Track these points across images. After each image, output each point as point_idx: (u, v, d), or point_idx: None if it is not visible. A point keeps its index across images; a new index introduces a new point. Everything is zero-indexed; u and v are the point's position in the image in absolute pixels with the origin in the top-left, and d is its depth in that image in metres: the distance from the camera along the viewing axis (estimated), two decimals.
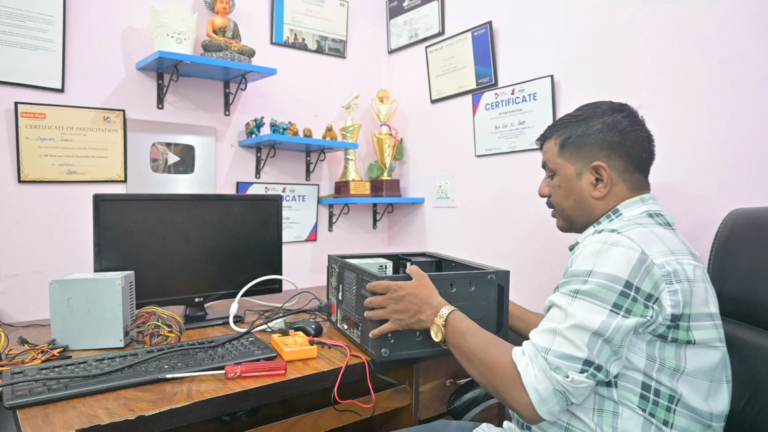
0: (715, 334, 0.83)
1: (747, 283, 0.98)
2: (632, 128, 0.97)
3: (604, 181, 0.96)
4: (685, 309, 0.79)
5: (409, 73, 2.35)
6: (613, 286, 0.78)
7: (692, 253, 0.88)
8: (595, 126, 0.98)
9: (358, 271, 1.21)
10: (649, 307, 0.78)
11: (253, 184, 2.08)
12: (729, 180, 1.31)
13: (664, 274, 0.79)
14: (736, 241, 1.03)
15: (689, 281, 0.81)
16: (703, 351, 0.81)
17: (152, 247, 1.44)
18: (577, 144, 0.99)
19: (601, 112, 0.99)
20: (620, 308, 0.77)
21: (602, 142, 0.96)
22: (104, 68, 1.73)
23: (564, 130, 1.02)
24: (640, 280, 0.78)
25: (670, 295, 0.78)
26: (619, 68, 1.55)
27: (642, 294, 0.78)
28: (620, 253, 0.79)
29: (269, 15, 2.12)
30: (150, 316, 1.27)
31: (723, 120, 1.33)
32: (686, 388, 0.81)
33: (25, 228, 1.60)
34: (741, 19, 1.29)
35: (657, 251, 0.80)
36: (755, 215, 1.02)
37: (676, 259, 0.81)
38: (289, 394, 1.07)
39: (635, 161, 0.97)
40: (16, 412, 0.88)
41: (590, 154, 0.97)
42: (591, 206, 0.98)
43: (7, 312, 1.57)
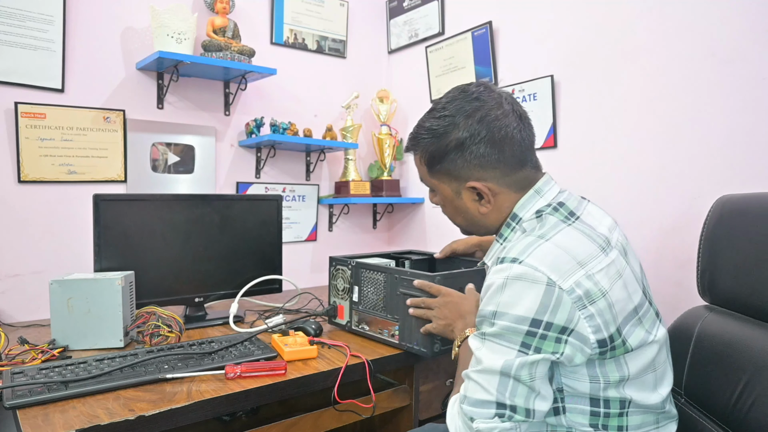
0: (642, 329, 0.78)
1: (737, 272, 0.96)
2: (497, 129, 0.84)
3: (485, 197, 0.88)
4: (609, 328, 0.73)
5: (409, 73, 2.35)
6: (519, 327, 0.72)
7: (604, 239, 0.80)
8: (454, 141, 0.86)
9: (395, 272, 1.21)
10: (562, 341, 0.72)
11: (253, 184, 2.08)
12: (730, 179, 1.31)
13: (576, 299, 0.72)
14: (725, 229, 1.00)
15: (605, 294, 0.73)
16: (641, 350, 0.78)
17: (152, 247, 1.44)
18: (444, 165, 0.89)
19: (458, 120, 0.86)
20: (528, 347, 0.73)
21: (469, 160, 0.86)
22: (104, 68, 1.73)
23: (423, 148, 0.91)
24: (551, 314, 0.71)
25: (587, 322, 0.72)
26: (619, 68, 1.55)
27: (555, 329, 0.72)
28: (524, 289, 0.73)
29: (269, 15, 2.12)
30: (150, 316, 1.27)
31: (723, 120, 1.33)
32: (634, 389, 0.78)
33: (25, 228, 1.60)
34: (741, 19, 1.29)
35: (565, 270, 0.73)
36: (743, 202, 1.00)
37: (586, 273, 0.73)
38: (289, 394, 1.07)
39: (512, 162, 0.86)
40: (16, 412, 0.88)
41: (461, 174, 0.88)
42: (482, 221, 0.91)
43: (7, 312, 1.57)
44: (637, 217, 1.50)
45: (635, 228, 1.51)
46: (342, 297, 1.37)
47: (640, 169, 1.50)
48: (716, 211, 1.03)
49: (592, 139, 1.63)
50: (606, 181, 1.59)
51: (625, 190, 1.54)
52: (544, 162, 1.85)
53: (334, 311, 1.39)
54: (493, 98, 0.87)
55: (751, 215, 0.96)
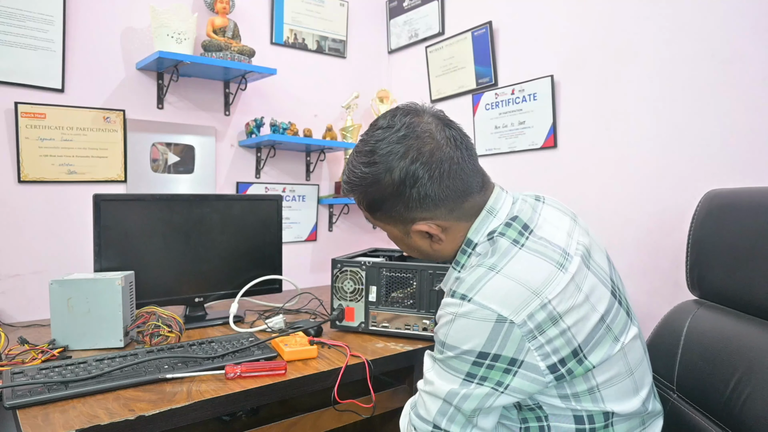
0: (611, 337, 0.75)
1: (726, 266, 0.96)
2: (435, 166, 0.78)
3: (434, 238, 0.84)
4: (561, 352, 0.71)
5: (409, 73, 2.35)
6: (465, 357, 0.72)
7: (561, 252, 0.76)
8: (389, 188, 0.79)
9: (429, 269, 1.28)
10: (511, 372, 0.70)
11: (253, 184, 2.08)
12: (731, 179, 1.31)
13: (526, 332, 0.69)
14: (713, 223, 1.00)
15: (557, 322, 0.70)
16: (607, 363, 0.75)
17: (152, 247, 1.44)
18: (384, 212, 0.83)
19: (390, 167, 0.78)
20: (474, 377, 0.72)
21: (409, 204, 0.80)
22: (104, 68, 1.73)
23: (360, 194, 0.84)
24: (498, 347, 0.70)
25: (537, 351, 0.70)
26: (619, 68, 1.55)
27: (503, 360, 0.70)
28: (472, 327, 0.71)
29: (269, 15, 2.12)
30: (150, 316, 1.27)
31: (723, 120, 1.33)
32: (612, 399, 0.76)
33: (25, 228, 1.60)
34: (741, 19, 1.29)
35: (517, 304, 0.70)
36: (731, 196, 0.99)
37: (541, 303, 0.70)
38: (289, 394, 1.07)
39: (456, 195, 0.80)
40: (16, 412, 0.88)
41: (405, 217, 0.82)
42: (437, 254, 0.87)
43: (7, 312, 1.57)
44: (638, 217, 1.50)
45: (636, 227, 1.51)
46: (352, 299, 1.36)
47: (640, 169, 1.50)
48: (704, 206, 1.03)
49: (592, 139, 1.63)
50: (606, 181, 1.59)
51: (624, 190, 1.54)
52: (544, 162, 1.87)
53: (342, 315, 1.37)
54: (423, 129, 0.79)
55: (738, 209, 0.96)
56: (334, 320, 1.37)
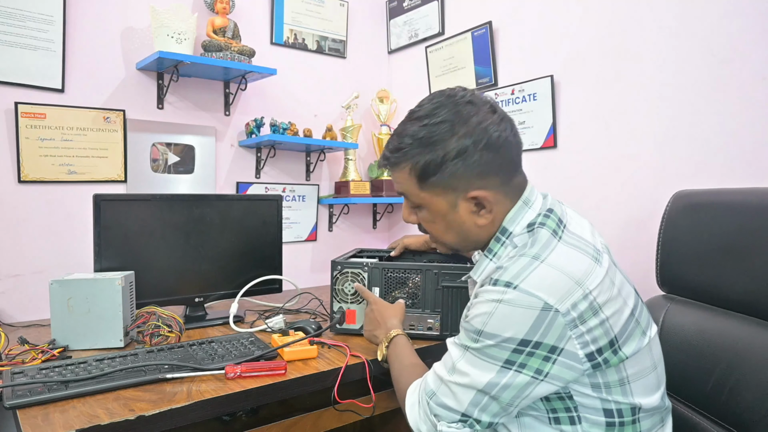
0: (639, 331, 0.78)
1: (695, 263, 1.02)
2: (496, 134, 0.80)
3: (487, 208, 0.82)
4: (598, 342, 0.73)
5: (409, 73, 2.35)
6: (505, 345, 0.72)
7: (593, 247, 0.78)
8: (455, 149, 0.79)
9: (435, 269, 1.29)
10: (550, 360, 0.72)
11: (253, 184, 2.08)
12: (731, 178, 1.31)
13: (569, 321, 0.71)
14: (680, 223, 1.06)
15: (597, 312, 0.72)
16: (638, 355, 0.77)
17: (152, 247, 1.44)
18: (441, 176, 0.81)
19: (457, 126, 0.79)
20: (513, 363, 0.72)
21: (472, 168, 0.79)
22: (104, 68, 1.73)
23: (415, 157, 0.81)
24: (541, 335, 0.71)
25: (577, 340, 0.71)
26: (618, 68, 1.55)
27: (544, 347, 0.71)
28: (516, 314, 0.71)
29: (269, 15, 2.12)
30: (150, 316, 1.27)
31: (723, 119, 1.33)
32: (640, 392, 0.78)
33: (25, 228, 1.60)
34: (740, 19, 1.29)
35: (563, 293, 0.71)
36: (698, 197, 1.06)
37: (583, 293, 0.72)
38: (289, 394, 1.07)
39: (510, 167, 0.83)
40: (16, 412, 0.88)
41: (461, 184, 0.81)
42: (477, 235, 0.85)
43: (7, 312, 1.57)
44: (638, 217, 1.50)
45: (636, 227, 1.51)
46: (353, 301, 1.34)
47: (640, 169, 1.50)
48: (672, 206, 1.09)
49: (591, 139, 1.63)
50: (606, 181, 1.59)
51: (625, 190, 1.54)
52: (544, 162, 1.87)
53: (343, 318, 1.34)
54: (485, 102, 0.82)
55: (703, 209, 1.03)
56: (335, 324, 1.34)
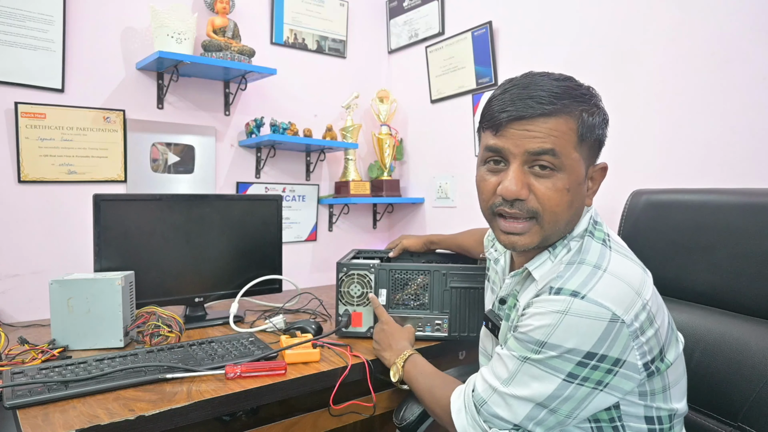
0: (675, 336, 0.79)
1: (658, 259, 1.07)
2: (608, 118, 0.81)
3: (593, 188, 0.81)
4: (653, 351, 0.72)
5: (409, 73, 2.35)
6: (569, 357, 0.69)
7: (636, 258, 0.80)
8: (604, 115, 0.79)
9: (443, 269, 1.29)
10: (612, 372, 0.70)
11: (253, 184, 2.08)
12: (731, 177, 1.31)
13: (632, 332, 0.69)
14: (639, 220, 1.13)
15: (652, 322, 0.72)
16: (676, 363, 0.78)
17: (152, 247, 1.43)
18: (595, 140, 0.77)
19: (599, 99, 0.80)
20: (575, 377, 0.70)
21: (604, 140, 0.80)
22: (104, 68, 1.73)
23: (584, 111, 0.75)
24: (607, 348, 0.68)
25: (638, 350, 0.70)
26: (618, 68, 1.55)
27: (608, 360, 0.69)
28: (584, 326, 0.68)
29: (269, 15, 2.12)
30: (150, 316, 1.27)
31: (723, 119, 1.33)
32: (677, 398, 0.78)
33: (25, 228, 1.60)
34: (741, 19, 1.29)
35: (628, 303, 0.70)
36: (654, 195, 1.13)
37: (642, 303, 0.71)
38: (289, 395, 1.07)
39: None
40: (16, 412, 0.88)
41: (598, 154, 0.81)
42: (574, 220, 0.80)
43: (7, 312, 1.57)
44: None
45: None
46: (359, 303, 1.32)
47: (640, 169, 1.50)
48: (630, 204, 1.17)
49: None
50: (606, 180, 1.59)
51: (624, 190, 1.54)
52: None
53: (349, 321, 1.32)
54: None
55: (660, 207, 1.10)
56: (340, 328, 1.32)
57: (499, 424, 0.76)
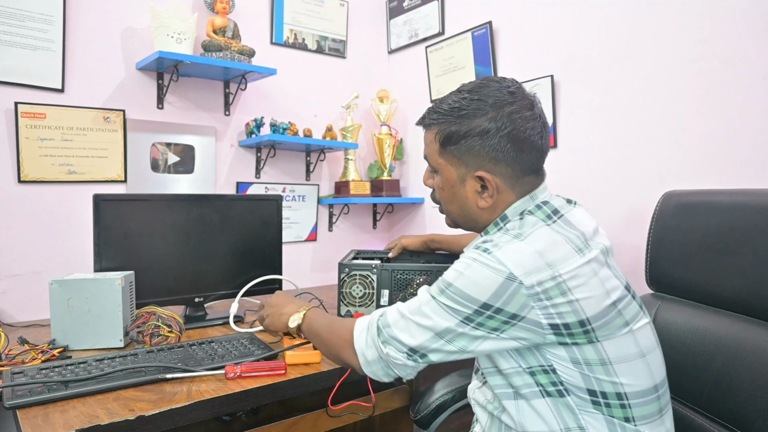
0: (621, 320, 0.80)
1: (684, 262, 1.04)
2: (523, 128, 0.84)
3: (489, 191, 0.86)
4: (566, 318, 0.76)
5: (409, 73, 2.35)
6: (467, 304, 0.77)
7: (582, 239, 0.81)
8: (478, 128, 0.84)
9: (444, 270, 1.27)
10: (510, 324, 0.76)
11: (253, 184, 2.08)
12: (731, 178, 1.31)
13: (532, 294, 0.75)
14: (670, 223, 1.08)
15: (566, 292, 0.76)
16: (616, 340, 0.79)
17: (152, 247, 1.43)
18: (459, 148, 0.86)
19: (488, 107, 0.84)
20: (471, 321, 0.77)
21: (488, 150, 0.84)
22: (104, 68, 1.73)
23: (445, 124, 0.88)
24: (503, 302, 0.75)
25: (541, 311, 0.75)
26: (619, 68, 1.55)
27: (504, 314, 0.76)
28: (484, 275, 0.76)
29: (269, 15, 2.12)
30: (150, 316, 1.27)
31: (723, 119, 1.33)
32: (626, 374, 0.79)
33: (25, 228, 1.60)
34: (741, 19, 1.29)
35: (531, 267, 0.76)
36: (685, 196, 1.08)
37: (551, 275, 0.75)
38: (289, 395, 1.07)
39: (525, 165, 0.86)
40: (16, 412, 0.88)
41: (474, 162, 0.86)
42: (476, 215, 0.90)
43: (7, 312, 1.57)
44: (638, 217, 1.50)
45: (637, 227, 1.51)
46: (361, 304, 1.32)
47: (640, 169, 1.50)
48: (661, 206, 1.11)
49: (591, 139, 1.63)
50: (606, 180, 1.59)
51: (624, 190, 1.54)
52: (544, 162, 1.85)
53: None
54: (526, 98, 0.87)
55: (692, 209, 1.04)
56: None
57: (397, 345, 0.83)
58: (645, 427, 0.80)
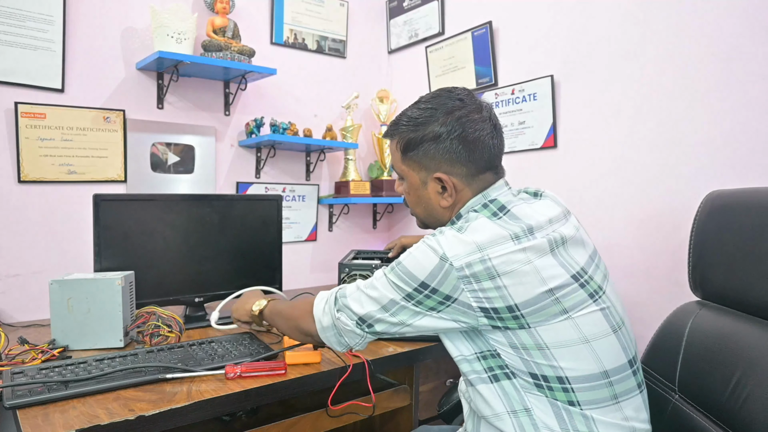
0: (559, 307, 0.81)
1: (727, 266, 0.97)
2: (472, 130, 0.91)
3: (448, 191, 0.94)
4: (494, 303, 0.81)
5: (409, 73, 2.35)
6: (409, 281, 0.85)
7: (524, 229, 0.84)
8: (431, 133, 0.92)
9: None
10: (444, 305, 0.84)
11: (253, 184, 2.08)
12: (731, 178, 1.31)
13: (461, 276, 0.81)
14: (715, 224, 1.01)
15: (494, 278, 0.80)
16: (551, 326, 0.81)
17: (152, 247, 1.43)
18: (417, 153, 0.94)
19: (439, 113, 0.92)
20: (412, 298, 0.85)
21: (442, 152, 0.92)
22: (104, 68, 1.73)
23: (401, 134, 0.96)
24: (438, 282, 0.82)
25: (470, 294, 0.81)
26: (618, 68, 1.55)
27: (439, 294, 0.83)
28: (423, 255, 0.84)
29: (269, 15, 2.12)
30: (150, 316, 1.27)
31: (723, 119, 1.33)
32: (567, 358, 0.81)
33: (25, 228, 1.60)
34: (741, 19, 1.29)
35: (460, 252, 0.82)
36: (731, 197, 1.00)
37: (481, 257, 0.81)
38: (289, 395, 1.07)
39: (479, 163, 0.93)
40: (16, 412, 0.88)
41: (432, 165, 0.94)
42: (439, 214, 0.98)
43: (7, 312, 1.57)
44: (638, 216, 1.50)
45: (636, 226, 1.51)
46: None
47: (640, 169, 1.50)
48: (705, 207, 1.03)
49: (591, 139, 1.63)
50: (606, 180, 1.59)
51: (624, 191, 1.54)
52: (545, 162, 1.87)
53: None
54: (475, 103, 0.94)
55: (739, 210, 0.97)
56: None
57: (348, 313, 0.92)
58: (594, 412, 0.81)
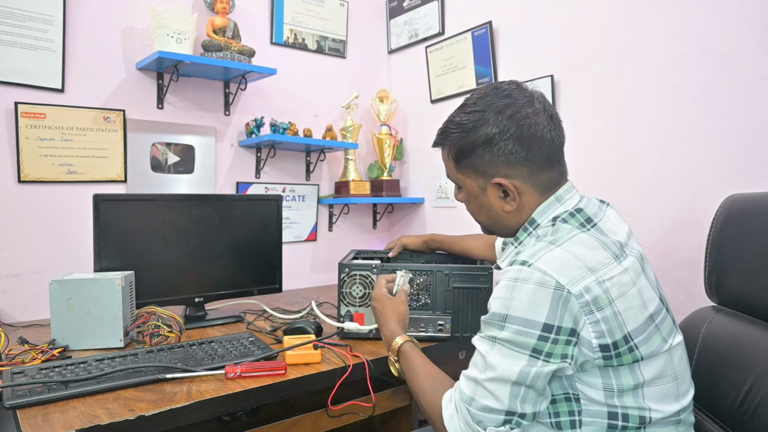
0: (659, 336, 0.77)
1: (744, 272, 0.95)
2: (526, 127, 0.84)
3: (511, 195, 0.87)
4: (614, 335, 0.74)
5: (409, 73, 2.35)
6: (530, 331, 0.73)
7: (618, 246, 0.80)
8: (483, 136, 0.85)
9: (446, 270, 1.29)
10: (572, 344, 0.74)
11: (253, 184, 2.08)
12: (731, 179, 1.31)
13: (583, 304, 0.73)
14: (733, 228, 0.98)
15: (611, 303, 0.74)
16: (656, 359, 0.77)
17: (152, 247, 1.43)
18: (471, 160, 0.88)
19: (488, 116, 0.86)
20: (540, 353, 0.74)
21: (498, 155, 0.85)
22: (104, 68, 1.73)
23: (452, 142, 0.90)
24: (559, 318, 0.73)
25: (592, 327, 0.73)
26: (619, 68, 1.55)
27: (564, 332, 0.73)
28: (533, 292, 0.74)
29: (269, 15, 2.12)
30: (150, 316, 1.27)
31: (723, 119, 1.33)
32: (654, 399, 0.77)
33: (25, 228, 1.60)
34: (741, 19, 1.29)
35: (574, 275, 0.74)
36: (751, 201, 0.97)
37: (596, 279, 0.74)
38: (289, 395, 1.07)
39: (539, 161, 0.86)
40: (16, 412, 0.88)
41: (489, 170, 0.87)
42: (505, 220, 0.91)
43: (7, 312, 1.57)
44: (637, 217, 1.50)
45: (636, 228, 1.51)
46: (361, 304, 1.31)
47: (640, 169, 1.50)
48: (724, 211, 1.01)
49: (592, 139, 1.63)
50: (606, 181, 1.59)
51: (625, 191, 1.54)
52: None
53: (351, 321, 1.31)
54: (525, 96, 0.87)
55: (759, 215, 0.94)
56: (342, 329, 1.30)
57: (490, 417, 0.76)
58: None
